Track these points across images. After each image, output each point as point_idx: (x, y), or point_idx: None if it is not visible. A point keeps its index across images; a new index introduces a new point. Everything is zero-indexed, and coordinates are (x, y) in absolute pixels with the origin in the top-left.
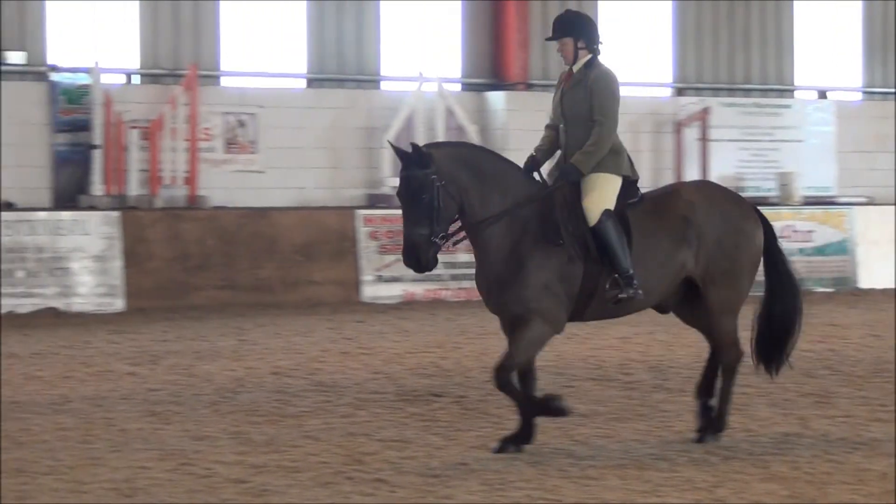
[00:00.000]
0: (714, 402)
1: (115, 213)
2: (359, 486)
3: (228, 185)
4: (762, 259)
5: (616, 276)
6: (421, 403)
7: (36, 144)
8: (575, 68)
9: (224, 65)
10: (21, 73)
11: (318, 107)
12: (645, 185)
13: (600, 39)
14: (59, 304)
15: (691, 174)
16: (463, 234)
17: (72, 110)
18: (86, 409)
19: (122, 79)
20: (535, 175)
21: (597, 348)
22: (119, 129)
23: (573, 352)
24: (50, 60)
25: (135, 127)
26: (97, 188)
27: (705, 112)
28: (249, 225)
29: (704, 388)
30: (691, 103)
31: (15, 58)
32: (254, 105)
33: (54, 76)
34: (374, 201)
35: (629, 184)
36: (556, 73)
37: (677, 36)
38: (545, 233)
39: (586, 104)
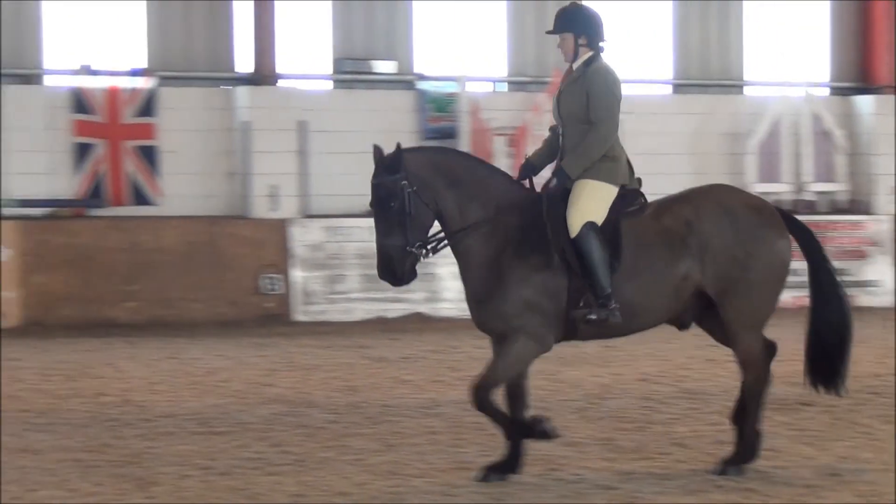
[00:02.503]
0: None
1: None
2: (728, 494)
3: None
4: (808, 272)
5: (591, 295)
6: (790, 412)
7: None
8: (574, 66)
9: None
10: (390, 83)
11: (682, 112)
12: None
13: (604, 36)
14: (426, 309)
15: None
16: (443, 242)
17: (439, 118)
18: (455, 413)
19: (488, 87)
20: (526, 182)
21: None
22: (485, 136)
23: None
24: (418, 69)
25: (500, 134)
26: None
27: None
28: None
29: (740, 413)
30: None
31: (385, 67)
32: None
33: (422, 85)
34: None
35: (630, 192)
36: None
37: None
38: (527, 243)
39: (583, 104)
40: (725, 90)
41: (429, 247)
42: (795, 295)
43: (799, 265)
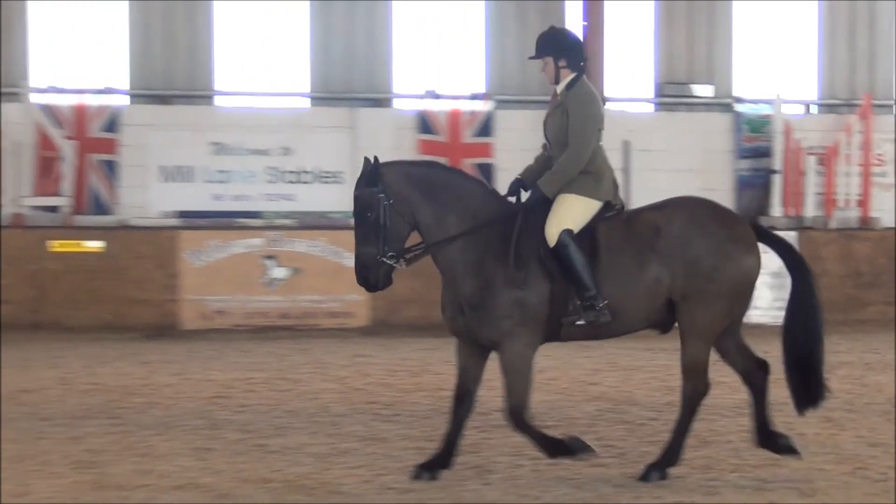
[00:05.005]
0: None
1: (793, 233)
2: None
3: None
4: (790, 289)
5: (577, 300)
6: None
7: (720, 170)
8: (559, 89)
9: None
10: (707, 105)
11: None
12: None
13: (584, 57)
14: None
15: None
16: (417, 253)
17: (754, 138)
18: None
19: (801, 109)
20: (514, 198)
21: None
22: (798, 155)
23: None
24: (735, 93)
25: (812, 153)
26: (776, 210)
27: None
28: None
29: (759, 422)
30: None
31: (702, 91)
32: None
33: (739, 107)
34: None
35: (609, 201)
36: None
37: None
38: (506, 252)
39: (564, 126)
40: None
41: (406, 257)
42: None
43: None
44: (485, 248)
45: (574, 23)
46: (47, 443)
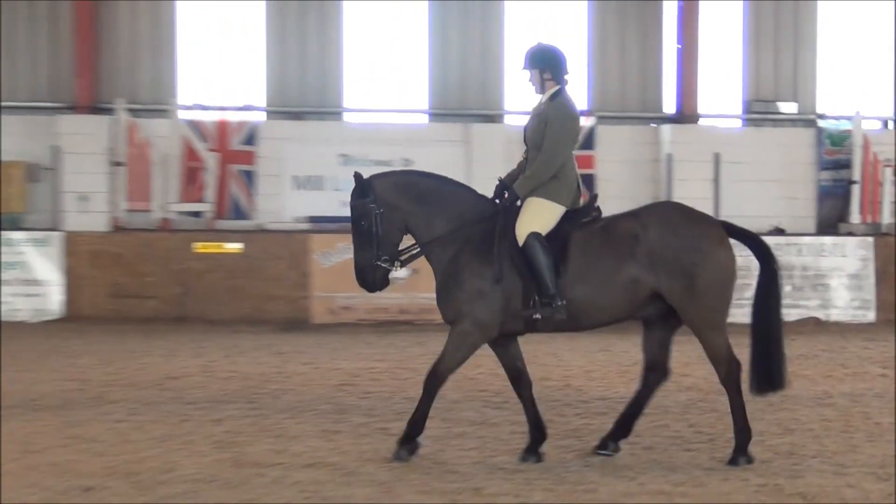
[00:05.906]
0: (615, 445)
1: (870, 239)
2: None
3: None
4: (757, 278)
5: (537, 297)
6: None
7: (803, 180)
8: (542, 99)
9: None
10: (792, 121)
11: None
12: None
13: (567, 71)
14: (820, 314)
15: None
16: (411, 255)
17: (835, 151)
18: (845, 404)
19: (878, 125)
20: (497, 201)
21: None
22: (875, 167)
23: None
24: (818, 110)
25: (889, 165)
26: (854, 217)
27: None
28: None
29: (621, 423)
30: None
31: (787, 108)
32: None
33: (821, 123)
34: None
35: (585, 207)
36: None
37: None
38: (486, 249)
39: (542, 133)
40: None
41: (401, 259)
42: None
43: None
44: (464, 246)
45: (670, 42)
46: (191, 424)
